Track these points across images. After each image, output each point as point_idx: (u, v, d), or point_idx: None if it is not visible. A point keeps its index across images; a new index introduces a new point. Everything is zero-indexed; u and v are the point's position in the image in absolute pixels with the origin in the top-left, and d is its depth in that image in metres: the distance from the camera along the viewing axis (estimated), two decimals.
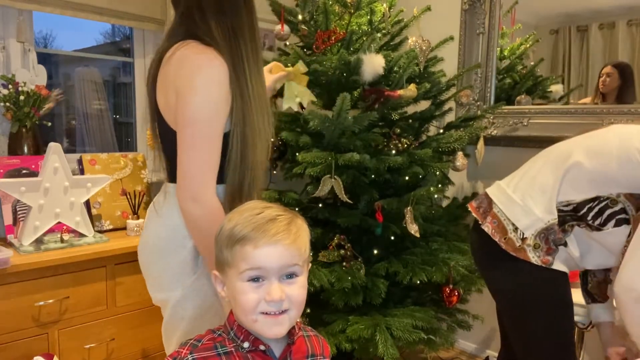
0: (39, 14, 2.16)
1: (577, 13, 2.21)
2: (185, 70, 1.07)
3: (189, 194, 1.08)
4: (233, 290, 0.83)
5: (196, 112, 1.06)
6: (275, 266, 0.80)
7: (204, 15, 1.13)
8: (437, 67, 2.27)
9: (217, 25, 1.12)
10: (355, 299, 1.83)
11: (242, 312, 0.82)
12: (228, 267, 0.83)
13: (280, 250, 0.80)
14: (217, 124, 1.08)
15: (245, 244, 0.80)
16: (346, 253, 1.90)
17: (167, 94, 1.12)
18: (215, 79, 1.07)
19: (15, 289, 1.67)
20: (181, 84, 1.07)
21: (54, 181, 1.84)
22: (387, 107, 2.06)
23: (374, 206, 1.94)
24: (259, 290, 0.80)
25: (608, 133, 1.39)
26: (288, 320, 0.82)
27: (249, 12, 1.18)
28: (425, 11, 2.20)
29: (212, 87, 1.07)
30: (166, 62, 1.12)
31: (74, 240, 1.89)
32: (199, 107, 1.06)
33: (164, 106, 1.14)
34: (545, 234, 1.37)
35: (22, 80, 1.98)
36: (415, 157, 1.96)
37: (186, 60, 1.08)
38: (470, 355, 2.67)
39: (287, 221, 0.83)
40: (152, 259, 1.22)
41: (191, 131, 1.07)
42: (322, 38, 1.99)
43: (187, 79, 1.07)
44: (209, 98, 1.06)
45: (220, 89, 1.07)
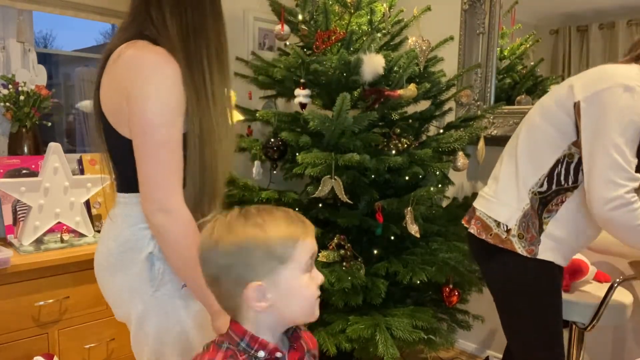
0: (39, 14, 2.16)
1: (577, 13, 2.21)
2: (134, 74, 0.99)
3: (157, 205, 1.00)
4: (293, 287, 0.82)
5: (152, 118, 0.98)
6: (315, 250, 0.85)
7: (160, 9, 1.05)
8: (437, 67, 2.27)
9: (174, 22, 1.04)
10: (355, 299, 1.83)
11: (302, 307, 0.85)
12: (283, 265, 0.79)
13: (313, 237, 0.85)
14: (174, 127, 1.01)
15: (304, 237, 0.81)
16: (346, 253, 1.90)
17: (113, 97, 1.04)
18: (168, 81, 1.00)
19: (15, 289, 1.67)
20: (132, 89, 0.99)
21: (54, 181, 1.84)
22: (387, 107, 2.06)
23: (374, 206, 1.94)
24: (312, 280, 0.84)
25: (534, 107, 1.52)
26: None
27: (213, 6, 1.10)
28: (425, 11, 2.20)
29: (165, 90, 1.00)
30: (113, 63, 1.04)
31: (74, 240, 1.89)
32: (154, 113, 0.99)
33: (110, 110, 1.06)
34: (525, 221, 1.43)
35: (22, 80, 1.98)
36: (415, 157, 1.96)
37: (135, 62, 1.00)
38: (470, 355, 2.67)
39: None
40: (106, 276, 1.14)
41: (149, 139, 0.99)
42: (322, 38, 1.99)
43: (138, 84, 0.99)
44: (163, 102, 0.99)
45: (173, 91, 1.01)
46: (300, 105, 1.98)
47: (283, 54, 2.38)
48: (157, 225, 1.02)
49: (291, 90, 2.03)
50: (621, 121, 1.26)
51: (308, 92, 1.97)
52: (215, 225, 0.82)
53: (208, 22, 1.09)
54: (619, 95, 1.26)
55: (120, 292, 1.12)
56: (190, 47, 1.05)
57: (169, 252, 1.04)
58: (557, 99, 1.40)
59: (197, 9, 1.07)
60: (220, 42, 1.11)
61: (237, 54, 2.48)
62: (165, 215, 1.00)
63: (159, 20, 1.05)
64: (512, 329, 1.55)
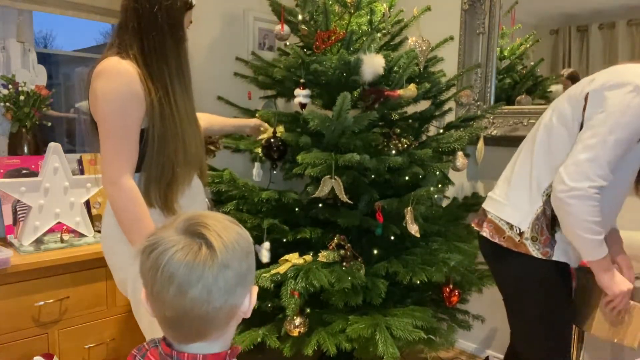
0: (39, 14, 2.16)
1: (577, 13, 2.20)
2: (97, 80, 1.28)
3: (107, 179, 1.28)
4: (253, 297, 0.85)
5: (105, 107, 1.27)
6: None
7: (128, 34, 1.34)
8: (437, 67, 2.26)
9: (136, 44, 1.32)
10: (355, 299, 1.83)
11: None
12: (251, 274, 0.84)
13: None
14: (125, 117, 1.27)
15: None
16: (346, 253, 1.90)
17: (94, 104, 1.31)
18: (122, 80, 1.26)
19: (15, 289, 1.67)
20: (95, 88, 1.28)
21: (54, 181, 1.84)
22: (387, 107, 2.05)
23: (374, 206, 1.93)
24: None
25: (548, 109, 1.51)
26: None
27: (172, 32, 1.36)
28: (425, 11, 2.20)
29: (118, 85, 1.26)
30: (94, 76, 1.31)
31: (74, 240, 1.89)
32: (107, 103, 1.26)
33: (93, 114, 1.33)
34: (539, 224, 1.43)
35: (22, 80, 1.98)
36: (415, 157, 1.96)
37: (100, 68, 1.29)
38: (470, 355, 2.67)
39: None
40: (108, 245, 1.43)
41: (105, 125, 1.28)
42: (322, 38, 1.99)
43: (99, 83, 1.27)
44: (115, 95, 1.26)
45: (126, 87, 1.26)
46: (300, 105, 1.98)
47: (283, 54, 2.38)
48: (108, 195, 1.31)
49: (291, 90, 2.03)
50: (619, 120, 1.26)
51: (308, 92, 1.97)
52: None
53: (167, 44, 1.35)
54: (625, 93, 1.26)
55: (118, 257, 1.41)
56: (153, 63, 1.32)
57: (117, 216, 1.31)
58: (570, 97, 1.40)
59: (158, 34, 1.33)
60: (179, 60, 1.38)
61: (237, 54, 2.48)
62: (112, 186, 1.28)
63: (128, 42, 1.33)
64: (523, 331, 1.54)
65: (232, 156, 2.47)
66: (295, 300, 1.76)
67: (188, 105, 1.39)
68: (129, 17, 1.34)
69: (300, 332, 1.81)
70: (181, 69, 1.38)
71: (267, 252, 1.94)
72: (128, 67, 1.28)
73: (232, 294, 0.75)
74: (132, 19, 1.33)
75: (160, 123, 1.31)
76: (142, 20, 1.32)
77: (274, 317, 1.95)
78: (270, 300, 1.94)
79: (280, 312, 1.91)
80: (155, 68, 1.32)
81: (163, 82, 1.33)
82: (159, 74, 1.32)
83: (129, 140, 1.29)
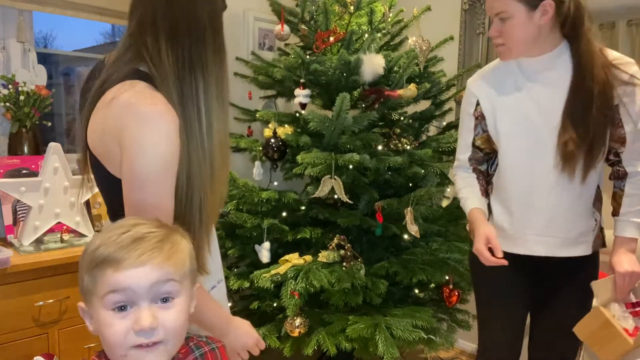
0: (39, 14, 2.16)
1: None
2: (130, 123, 0.92)
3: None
4: (97, 322, 0.70)
5: (144, 173, 0.92)
6: (143, 285, 0.68)
7: (156, 37, 0.98)
8: (437, 67, 2.27)
9: (169, 52, 0.97)
10: (355, 299, 1.83)
11: (109, 348, 0.70)
12: (90, 295, 0.72)
13: (149, 270, 0.69)
14: (168, 181, 0.95)
15: (106, 267, 0.69)
16: (346, 253, 1.90)
17: (104, 139, 0.97)
18: (164, 134, 0.92)
19: (15, 289, 1.66)
20: (127, 139, 0.92)
21: (54, 181, 1.84)
22: (387, 107, 2.06)
23: (374, 206, 1.94)
24: (126, 320, 0.68)
25: None
26: (165, 352, 0.71)
27: (215, 35, 1.03)
28: (425, 11, 2.20)
29: (161, 144, 0.92)
30: (108, 104, 0.96)
31: (74, 240, 1.89)
32: (147, 169, 0.92)
33: (99, 150, 1.00)
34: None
35: (22, 80, 1.98)
36: (415, 157, 1.96)
37: (131, 110, 0.92)
38: (471, 355, 2.67)
39: (159, 238, 0.72)
40: None
41: (140, 196, 0.93)
42: (322, 38, 1.99)
43: (134, 135, 0.91)
44: (159, 157, 0.92)
45: (170, 144, 0.93)
46: (300, 105, 1.98)
47: (283, 54, 2.38)
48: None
49: (291, 90, 2.03)
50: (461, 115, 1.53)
51: (308, 92, 1.97)
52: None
53: (208, 56, 1.02)
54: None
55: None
56: (186, 81, 0.98)
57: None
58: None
59: (197, 41, 1.00)
60: (221, 78, 1.05)
61: (237, 54, 2.48)
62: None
63: (154, 50, 0.97)
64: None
65: (232, 155, 2.46)
66: (295, 300, 1.76)
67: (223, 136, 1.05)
68: (154, 17, 0.99)
69: (300, 333, 1.81)
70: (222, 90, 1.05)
71: (267, 252, 1.95)
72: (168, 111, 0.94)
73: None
74: (161, 18, 0.98)
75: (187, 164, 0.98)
76: (176, 22, 0.99)
77: (274, 317, 1.95)
78: (270, 300, 1.95)
79: (280, 312, 1.91)
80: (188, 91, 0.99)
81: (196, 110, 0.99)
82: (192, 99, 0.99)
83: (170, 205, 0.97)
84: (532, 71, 1.37)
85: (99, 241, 0.71)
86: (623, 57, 1.32)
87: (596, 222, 1.41)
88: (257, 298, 1.99)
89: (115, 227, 0.73)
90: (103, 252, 0.69)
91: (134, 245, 0.69)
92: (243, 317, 1.15)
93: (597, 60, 1.29)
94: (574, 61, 1.32)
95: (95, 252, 0.70)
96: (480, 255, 1.34)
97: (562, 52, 1.34)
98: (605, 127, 1.30)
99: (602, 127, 1.30)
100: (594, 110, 1.28)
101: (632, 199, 1.35)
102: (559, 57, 1.34)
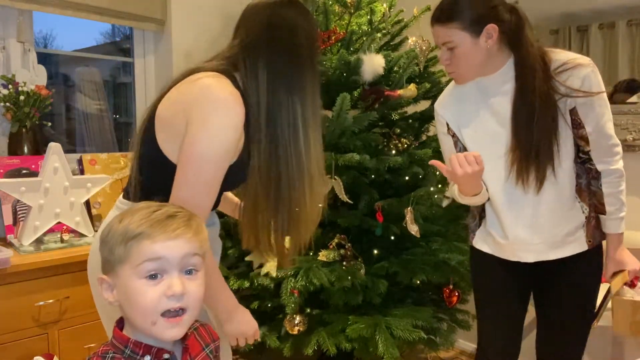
0: (39, 14, 2.16)
1: (577, 13, 2.20)
2: (203, 101, 0.98)
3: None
4: (127, 291, 0.77)
5: (204, 151, 0.97)
6: (177, 256, 0.77)
7: (254, 57, 1.04)
8: (437, 67, 2.26)
9: (265, 79, 1.03)
10: (355, 298, 1.83)
11: (140, 314, 0.76)
12: (120, 264, 0.77)
13: (182, 243, 0.77)
14: (222, 166, 1.01)
15: (143, 239, 0.76)
16: (346, 253, 1.90)
17: (173, 111, 1.03)
18: (231, 123, 0.98)
19: (15, 289, 1.67)
20: (195, 114, 0.98)
21: (54, 181, 1.84)
22: (387, 107, 2.06)
23: (374, 206, 1.94)
24: (158, 287, 0.76)
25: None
26: (187, 323, 0.79)
27: (312, 57, 1.10)
28: (425, 11, 2.19)
29: (227, 129, 0.98)
30: (189, 82, 1.02)
31: (74, 240, 1.89)
32: (208, 147, 0.97)
33: (163, 121, 1.04)
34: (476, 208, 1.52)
35: (22, 80, 1.98)
36: (415, 157, 1.96)
37: (209, 91, 0.98)
38: (470, 355, 2.67)
39: (187, 217, 0.81)
40: (96, 290, 1.17)
41: (194, 170, 0.98)
42: (322, 38, 1.99)
43: (203, 112, 0.97)
44: (221, 139, 0.98)
45: (234, 132, 0.99)
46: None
47: None
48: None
49: None
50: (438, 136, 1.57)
51: None
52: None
53: (306, 80, 1.07)
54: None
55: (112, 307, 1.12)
56: (281, 104, 1.04)
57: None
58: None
59: (295, 64, 1.05)
60: (317, 98, 1.11)
61: None
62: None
63: (252, 72, 1.04)
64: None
65: None
66: (295, 298, 1.76)
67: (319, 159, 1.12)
68: (257, 42, 1.05)
69: (299, 331, 1.81)
70: (316, 112, 1.12)
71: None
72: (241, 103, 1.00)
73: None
74: (263, 45, 1.04)
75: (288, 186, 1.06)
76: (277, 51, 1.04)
77: (274, 317, 1.95)
78: (270, 300, 1.94)
79: (280, 312, 1.91)
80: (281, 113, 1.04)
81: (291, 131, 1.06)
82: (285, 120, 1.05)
83: (216, 191, 1.03)
84: (489, 89, 1.38)
85: (128, 219, 0.78)
86: (574, 60, 1.31)
87: (586, 216, 1.39)
88: (257, 298, 1.99)
89: (143, 208, 0.80)
90: (139, 226, 0.76)
91: (168, 221, 0.78)
92: None
93: (537, 71, 1.29)
94: (516, 72, 1.33)
95: (128, 227, 0.77)
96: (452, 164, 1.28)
97: (512, 64, 1.35)
98: (551, 134, 1.30)
99: (548, 134, 1.29)
100: (536, 119, 1.28)
101: (612, 198, 1.36)
102: (512, 70, 1.35)
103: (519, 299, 1.50)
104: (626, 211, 1.39)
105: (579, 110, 1.31)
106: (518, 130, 1.31)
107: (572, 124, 1.32)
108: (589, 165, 1.37)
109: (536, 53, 1.32)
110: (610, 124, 1.33)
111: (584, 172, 1.39)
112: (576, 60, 1.30)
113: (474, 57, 1.32)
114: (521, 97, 1.31)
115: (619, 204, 1.36)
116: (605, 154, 1.34)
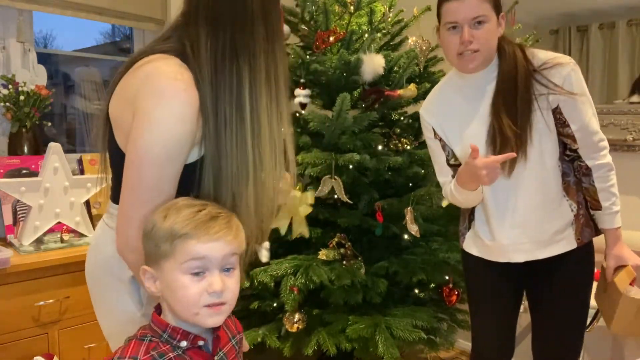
0: (39, 14, 2.16)
1: (577, 13, 2.20)
2: (147, 92, 0.87)
3: (124, 240, 0.92)
4: (171, 284, 0.82)
5: (148, 151, 0.86)
6: (218, 256, 0.82)
7: (197, 27, 0.92)
8: (437, 67, 2.26)
9: (208, 42, 0.91)
10: (355, 297, 1.83)
11: (183, 306, 0.82)
12: (165, 259, 0.82)
13: (223, 244, 0.82)
14: (171, 166, 0.89)
15: (188, 239, 0.81)
16: (346, 252, 1.90)
17: (120, 104, 0.94)
18: (178, 114, 0.86)
19: (15, 289, 1.67)
20: (140, 107, 0.87)
21: (54, 181, 1.84)
22: (387, 107, 2.06)
23: (374, 206, 1.94)
24: (201, 283, 0.81)
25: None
26: (226, 311, 0.85)
27: (266, 24, 0.95)
28: (425, 11, 2.19)
29: (170, 123, 0.86)
30: (134, 70, 0.93)
31: (74, 240, 1.89)
32: (151, 146, 0.86)
33: (114, 115, 0.96)
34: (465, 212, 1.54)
35: (22, 80, 1.98)
36: (415, 157, 1.96)
37: (153, 80, 0.88)
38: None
39: (228, 219, 0.85)
40: (95, 286, 1.12)
41: (137, 173, 0.88)
42: (322, 38, 1.99)
43: (145, 107, 0.87)
44: (166, 136, 0.86)
45: (180, 126, 0.87)
46: (301, 105, 1.98)
47: None
48: (128, 262, 0.96)
49: (291, 90, 2.03)
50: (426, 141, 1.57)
51: (308, 92, 1.97)
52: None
53: (257, 45, 0.93)
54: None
55: (109, 309, 1.11)
56: (225, 73, 0.91)
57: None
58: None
59: (242, 30, 0.92)
60: (274, 70, 0.97)
61: None
62: (132, 254, 0.92)
63: (195, 39, 0.92)
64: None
65: None
66: (294, 295, 1.76)
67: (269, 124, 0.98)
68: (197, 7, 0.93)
69: (298, 328, 1.81)
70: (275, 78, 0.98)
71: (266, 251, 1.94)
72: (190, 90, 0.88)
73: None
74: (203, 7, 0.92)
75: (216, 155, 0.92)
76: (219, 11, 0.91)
77: (274, 317, 1.95)
78: (270, 299, 1.94)
79: (280, 312, 1.91)
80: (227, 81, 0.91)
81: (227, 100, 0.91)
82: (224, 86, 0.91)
83: (165, 193, 0.90)
84: (472, 91, 1.39)
85: (172, 219, 0.82)
86: (555, 58, 1.32)
87: (575, 214, 1.40)
88: (257, 298, 1.99)
89: (187, 206, 0.84)
90: (184, 227, 0.81)
91: (211, 223, 0.82)
92: (243, 317, 1.16)
93: (520, 68, 1.31)
94: (499, 68, 1.35)
95: (173, 226, 0.81)
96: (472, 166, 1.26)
97: (495, 66, 1.37)
98: (525, 130, 1.31)
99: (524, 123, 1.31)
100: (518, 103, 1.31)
101: (605, 193, 1.36)
102: (495, 71, 1.36)
103: (510, 299, 1.52)
104: (620, 205, 1.39)
105: (563, 110, 1.32)
106: (498, 114, 1.32)
107: (558, 123, 1.33)
108: (578, 162, 1.37)
109: (517, 49, 1.35)
110: (595, 120, 1.34)
111: (572, 170, 1.39)
112: (557, 59, 1.31)
113: (494, 38, 1.32)
114: (501, 89, 1.33)
115: (613, 198, 1.37)
116: (593, 150, 1.35)
